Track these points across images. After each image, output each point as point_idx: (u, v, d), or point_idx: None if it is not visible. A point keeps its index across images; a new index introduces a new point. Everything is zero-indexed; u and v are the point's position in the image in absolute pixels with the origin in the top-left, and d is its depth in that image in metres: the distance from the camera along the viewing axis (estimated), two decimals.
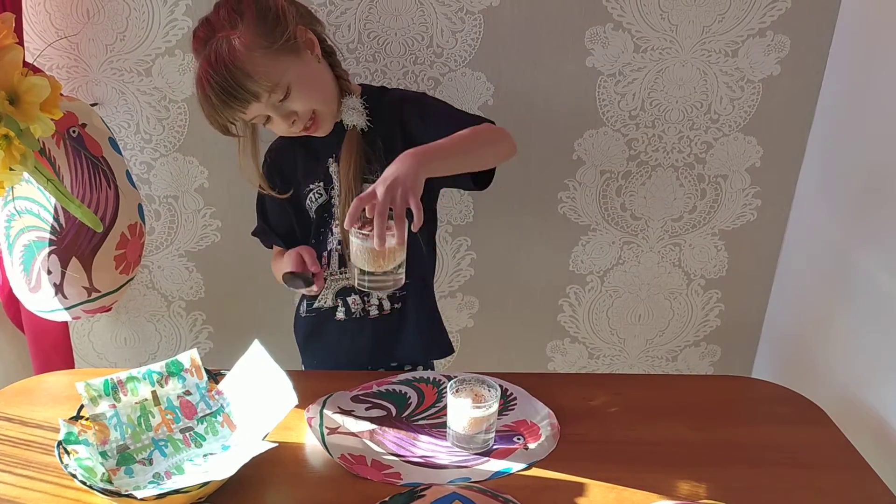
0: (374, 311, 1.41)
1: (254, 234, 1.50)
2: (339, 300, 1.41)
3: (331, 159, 1.34)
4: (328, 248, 1.38)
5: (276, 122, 1.25)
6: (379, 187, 1.04)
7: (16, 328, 1.65)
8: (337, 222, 1.36)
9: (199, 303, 1.82)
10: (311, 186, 1.37)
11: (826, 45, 1.62)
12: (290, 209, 1.41)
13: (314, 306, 1.43)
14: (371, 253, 1.09)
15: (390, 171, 1.07)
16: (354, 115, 1.31)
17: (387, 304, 1.41)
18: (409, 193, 1.05)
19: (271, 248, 1.50)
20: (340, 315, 1.41)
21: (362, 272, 1.13)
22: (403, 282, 1.17)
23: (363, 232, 1.08)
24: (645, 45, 1.59)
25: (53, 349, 1.65)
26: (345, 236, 1.33)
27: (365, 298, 1.41)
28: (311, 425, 1.20)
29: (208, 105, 1.20)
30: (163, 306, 1.83)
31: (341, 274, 1.39)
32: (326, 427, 1.21)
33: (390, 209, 1.05)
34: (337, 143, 1.32)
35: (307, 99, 1.24)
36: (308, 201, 1.38)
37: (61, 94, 1.27)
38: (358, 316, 1.42)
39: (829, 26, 1.60)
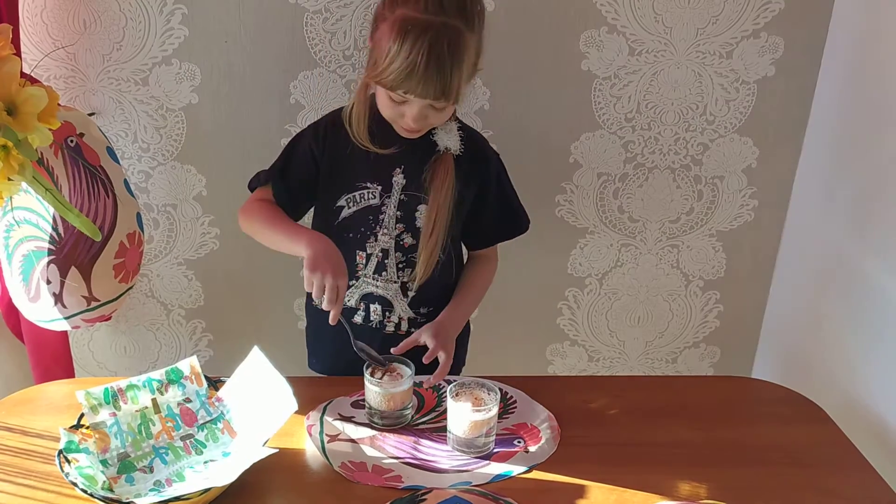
0: (390, 328, 1.40)
1: (260, 174, 1.39)
2: (361, 304, 1.39)
3: (398, 169, 1.33)
4: (367, 252, 1.36)
5: (410, 108, 1.22)
6: (438, 342, 1.29)
7: (16, 338, 1.65)
8: (385, 230, 1.35)
9: (198, 311, 1.83)
10: (367, 185, 1.33)
11: (820, 45, 1.62)
12: (313, 174, 1.36)
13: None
14: (384, 396, 1.22)
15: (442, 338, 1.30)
16: (451, 140, 1.33)
17: (404, 326, 1.40)
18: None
19: (258, 187, 1.38)
20: (358, 319, 1.39)
21: (373, 410, 1.24)
22: (409, 420, 1.26)
23: (376, 379, 1.23)
24: (640, 48, 1.60)
25: (53, 359, 1.65)
26: (389, 245, 1.35)
27: (386, 312, 1.39)
28: (311, 434, 1.20)
29: (414, 57, 1.15)
30: (162, 315, 1.83)
31: (374, 280, 1.38)
32: (327, 434, 1.21)
33: (394, 361, 1.26)
34: (410, 157, 1.32)
35: (448, 114, 1.27)
36: (351, 195, 1.34)
37: (59, 104, 1.28)
38: (375, 326, 1.40)
39: (823, 26, 1.61)
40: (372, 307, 1.39)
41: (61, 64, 1.55)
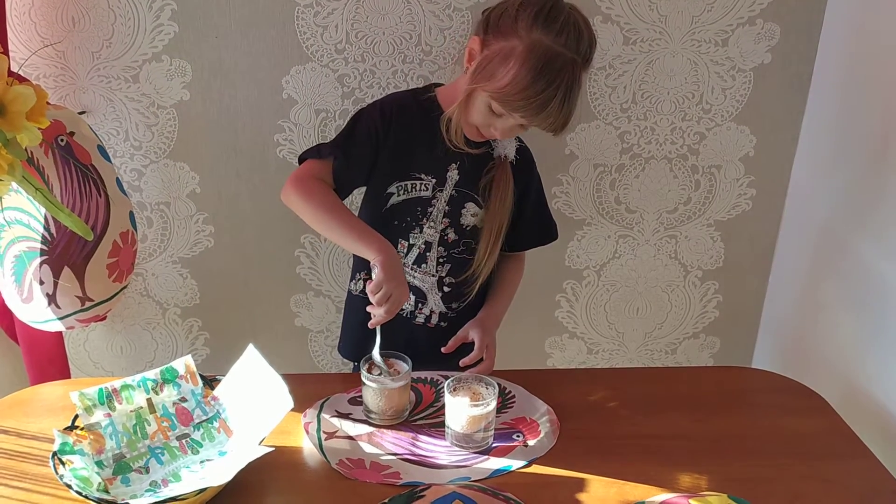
0: (420, 319, 1.41)
1: (321, 147, 1.34)
2: None
3: (453, 165, 1.34)
4: (410, 242, 1.37)
5: (504, 122, 1.26)
6: (484, 338, 1.35)
7: (10, 339, 1.64)
8: (431, 223, 1.35)
9: (194, 309, 1.81)
10: (422, 177, 1.34)
11: (816, 31, 1.61)
12: (374, 155, 1.33)
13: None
14: (384, 395, 1.21)
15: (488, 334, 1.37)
16: (510, 148, 1.38)
17: (434, 319, 1.42)
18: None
19: (314, 159, 1.32)
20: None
21: (377, 413, 1.23)
22: (407, 416, 1.25)
23: (374, 375, 1.23)
24: (634, 37, 1.59)
25: (48, 360, 1.64)
26: (433, 238, 1.37)
27: (419, 303, 1.40)
28: (308, 431, 1.19)
29: (551, 94, 1.19)
30: (158, 314, 1.81)
31: (412, 271, 1.38)
32: (324, 431, 1.20)
33: (391, 357, 1.25)
34: (466, 155, 1.34)
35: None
36: (403, 184, 1.34)
37: (48, 103, 1.26)
38: (406, 315, 1.41)
39: (819, 13, 1.59)
40: None
41: (50, 62, 1.54)
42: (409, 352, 1.28)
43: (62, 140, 1.35)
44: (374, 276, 1.20)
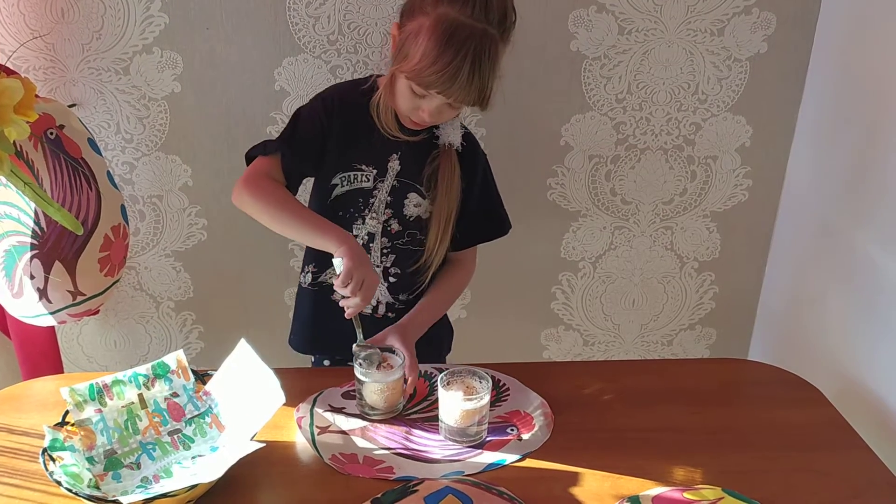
0: (367, 310, 1.39)
1: (267, 143, 1.32)
2: None
3: (394, 155, 1.33)
4: (353, 233, 1.34)
5: (429, 103, 1.22)
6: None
7: (2, 334, 1.63)
8: (373, 214, 1.34)
9: (187, 303, 1.80)
10: (363, 168, 1.33)
11: (812, 20, 1.60)
12: (320, 147, 1.32)
13: (318, 280, 1.39)
14: (378, 389, 1.21)
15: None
16: (454, 136, 1.34)
17: (382, 310, 1.40)
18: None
19: (262, 156, 1.30)
20: (337, 297, 1.37)
21: (372, 408, 1.22)
22: (401, 410, 1.24)
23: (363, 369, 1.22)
24: (629, 27, 1.57)
25: (41, 354, 1.63)
26: (376, 230, 1.35)
27: None
28: (301, 426, 1.19)
29: (458, 64, 1.16)
30: (151, 307, 1.81)
31: None
32: (317, 426, 1.19)
33: (385, 351, 1.25)
34: (407, 144, 1.32)
35: (456, 113, 1.28)
36: (346, 174, 1.33)
37: (37, 96, 1.25)
38: None
39: (815, 2, 1.58)
40: None
41: (40, 54, 1.52)
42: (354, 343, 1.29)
43: (52, 133, 1.34)
44: (338, 266, 1.17)
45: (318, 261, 1.39)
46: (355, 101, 1.32)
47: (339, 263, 1.18)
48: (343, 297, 1.20)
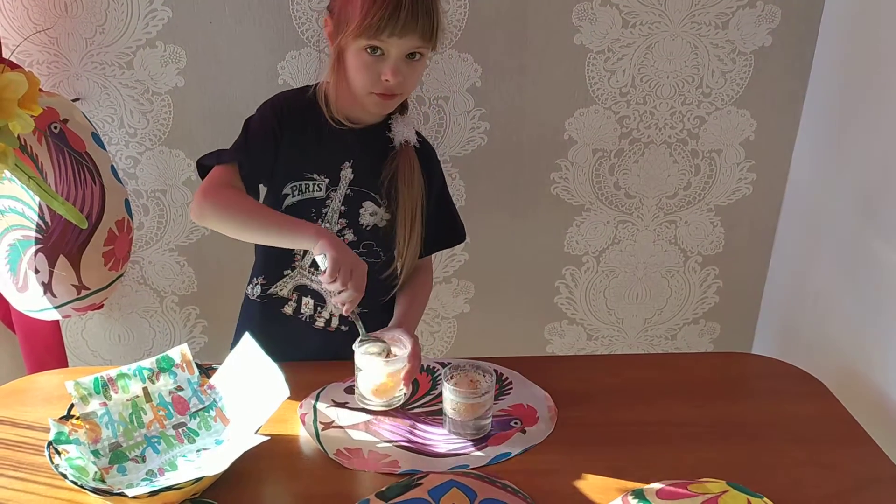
0: (320, 323, 1.36)
1: (220, 153, 1.29)
2: (294, 294, 1.35)
3: (347, 164, 1.30)
4: None
5: (388, 61, 1.20)
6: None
7: (7, 329, 1.64)
8: (326, 225, 1.31)
9: (192, 297, 1.81)
10: (314, 177, 1.30)
11: (818, 13, 1.59)
12: (273, 154, 1.30)
13: (268, 292, 1.37)
14: (381, 386, 1.21)
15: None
16: (409, 132, 1.32)
17: (335, 322, 1.37)
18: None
19: (218, 166, 1.27)
20: (288, 310, 1.36)
21: (366, 397, 1.22)
22: (403, 400, 1.23)
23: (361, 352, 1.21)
24: (633, 20, 1.57)
25: (46, 349, 1.63)
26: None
27: (318, 307, 1.35)
28: (304, 422, 1.19)
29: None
30: (155, 302, 1.81)
31: (310, 273, 1.34)
32: (320, 422, 1.19)
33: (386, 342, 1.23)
34: (360, 152, 1.30)
35: (417, 78, 1.26)
36: (297, 184, 1.31)
37: (41, 90, 1.25)
38: (305, 319, 1.36)
39: None
40: (304, 300, 1.35)
41: (43, 49, 1.52)
42: (307, 357, 1.29)
43: (56, 127, 1.34)
44: (322, 263, 1.16)
45: (269, 273, 1.36)
46: (304, 107, 1.31)
47: (322, 260, 1.16)
48: (334, 294, 1.18)
